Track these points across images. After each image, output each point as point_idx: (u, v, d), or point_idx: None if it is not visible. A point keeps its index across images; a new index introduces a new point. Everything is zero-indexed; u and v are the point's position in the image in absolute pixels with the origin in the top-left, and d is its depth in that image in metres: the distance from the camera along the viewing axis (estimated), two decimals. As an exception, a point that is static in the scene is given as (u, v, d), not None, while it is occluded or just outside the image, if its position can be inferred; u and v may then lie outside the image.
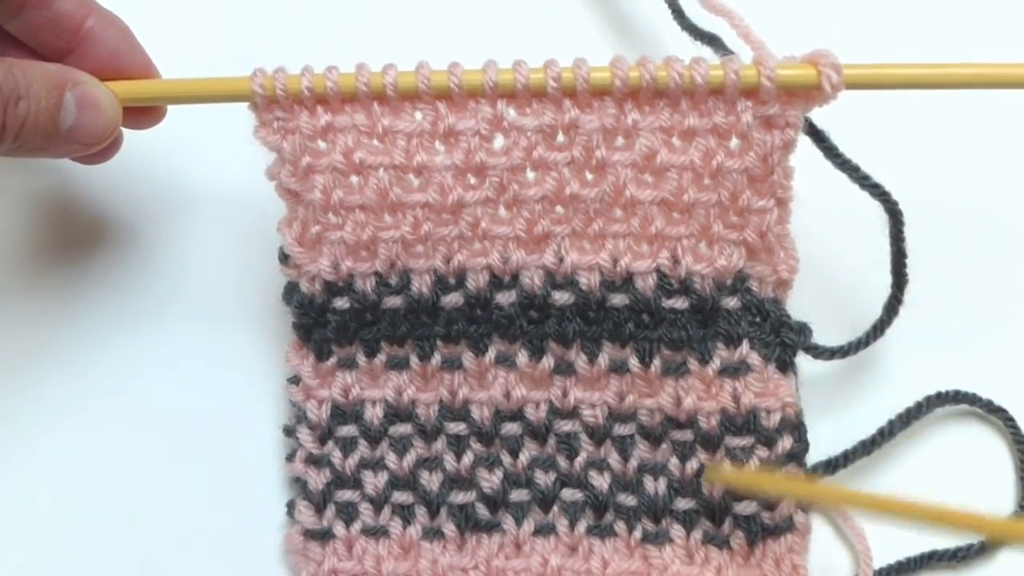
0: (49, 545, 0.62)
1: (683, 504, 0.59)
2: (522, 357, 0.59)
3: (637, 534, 0.59)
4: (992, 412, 0.62)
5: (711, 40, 0.64)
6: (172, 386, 0.64)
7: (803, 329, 0.59)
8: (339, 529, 0.60)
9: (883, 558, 0.60)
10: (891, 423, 0.61)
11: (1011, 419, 0.62)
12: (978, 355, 0.64)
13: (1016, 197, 0.67)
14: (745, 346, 0.58)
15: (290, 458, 0.61)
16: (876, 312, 0.60)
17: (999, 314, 0.65)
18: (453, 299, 0.59)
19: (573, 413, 0.60)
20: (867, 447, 0.60)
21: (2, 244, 0.67)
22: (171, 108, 0.61)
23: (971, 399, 0.62)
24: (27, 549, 0.62)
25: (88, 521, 0.62)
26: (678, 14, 0.66)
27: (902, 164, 0.60)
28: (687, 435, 0.59)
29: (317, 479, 0.60)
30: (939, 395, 0.62)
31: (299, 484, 0.61)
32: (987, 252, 0.66)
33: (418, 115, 0.57)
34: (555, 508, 0.60)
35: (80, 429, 0.64)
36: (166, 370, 0.65)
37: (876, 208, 0.58)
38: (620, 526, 0.59)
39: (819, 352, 0.60)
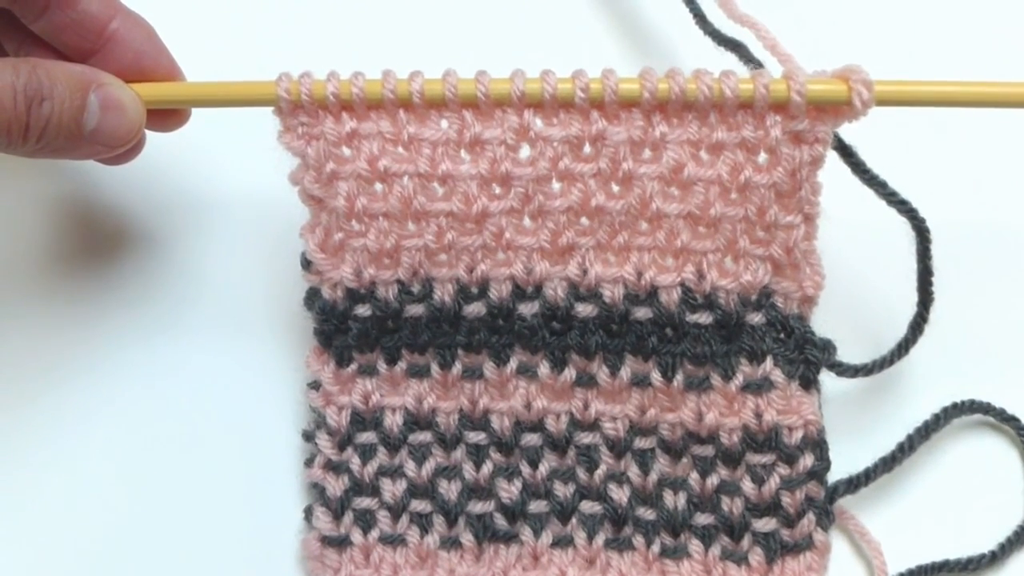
0: (68, 549, 0.62)
1: (702, 519, 0.59)
2: (544, 368, 0.59)
3: (655, 548, 0.59)
4: (1005, 421, 0.62)
5: (735, 47, 0.63)
6: (192, 389, 0.64)
7: (827, 346, 0.59)
8: (356, 536, 0.60)
9: (895, 567, 0.60)
10: (910, 437, 0.61)
11: (1023, 429, 0.62)
12: (1003, 375, 0.63)
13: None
14: (769, 363, 0.58)
15: (308, 463, 0.61)
16: (901, 330, 0.60)
17: (1025, 334, 0.65)
18: (475, 309, 0.59)
19: (594, 425, 0.59)
20: (888, 464, 0.60)
21: (23, 246, 0.67)
22: (195, 111, 0.61)
23: (985, 408, 0.62)
24: (46, 554, 0.62)
25: (107, 524, 0.62)
26: (700, 19, 0.66)
27: (929, 181, 0.60)
28: (708, 450, 0.59)
29: (335, 485, 0.60)
30: (955, 405, 0.62)
31: (317, 490, 0.61)
32: (1015, 271, 0.66)
33: (444, 123, 0.57)
34: (573, 520, 0.59)
35: (101, 432, 0.64)
36: (186, 373, 0.65)
37: (902, 225, 0.58)
38: (638, 540, 0.59)
39: (843, 370, 0.59)
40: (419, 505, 0.60)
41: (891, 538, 0.60)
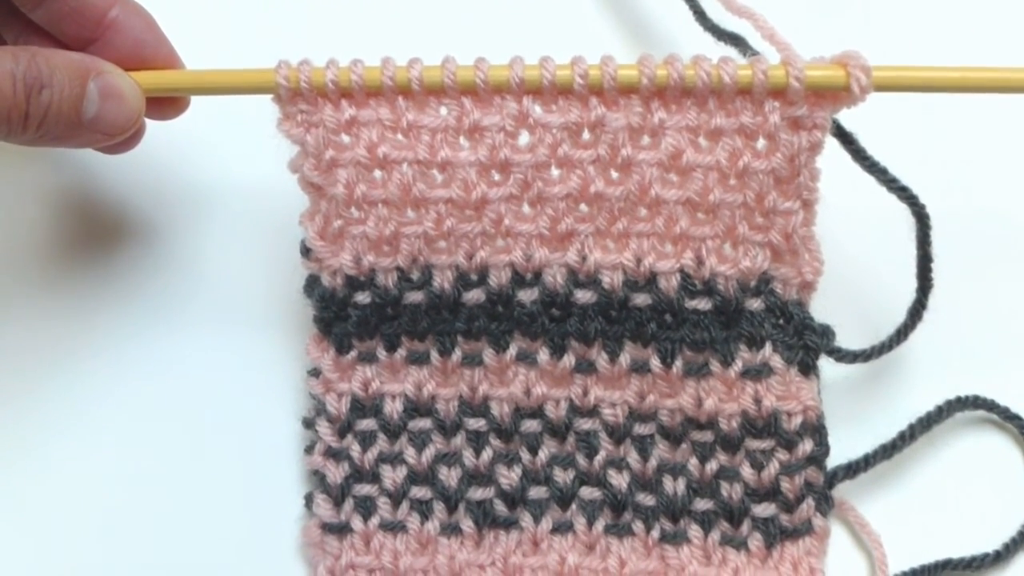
0: (66, 538, 0.62)
1: (701, 505, 0.59)
2: (543, 355, 0.59)
3: (655, 534, 0.59)
4: (1008, 419, 0.62)
5: (735, 40, 0.63)
6: (192, 377, 0.64)
7: (826, 332, 0.59)
8: (357, 523, 0.60)
9: (898, 566, 0.60)
10: (911, 427, 0.61)
11: (1027, 428, 0.62)
12: (1001, 362, 0.64)
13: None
14: (768, 348, 0.58)
15: (309, 451, 0.61)
16: (900, 316, 0.60)
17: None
18: (475, 296, 0.59)
19: (593, 412, 0.59)
20: (887, 451, 0.60)
21: (21, 235, 0.67)
22: (194, 99, 0.61)
23: (989, 405, 0.62)
24: (44, 543, 0.62)
25: (108, 513, 0.62)
26: (700, 15, 0.66)
27: (929, 168, 0.60)
28: (707, 436, 0.59)
29: (335, 472, 0.60)
30: (958, 400, 0.62)
31: (317, 477, 0.61)
32: (1014, 259, 0.66)
33: (443, 110, 0.57)
34: (573, 506, 0.60)
35: (100, 421, 0.64)
36: (186, 361, 0.65)
37: (902, 212, 0.58)
38: (638, 525, 0.59)
39: (842, 355, 0.59)
40: (419, 491, 0.60)
41: (892, 531, 0.60)
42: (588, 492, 0.60)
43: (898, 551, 0.60)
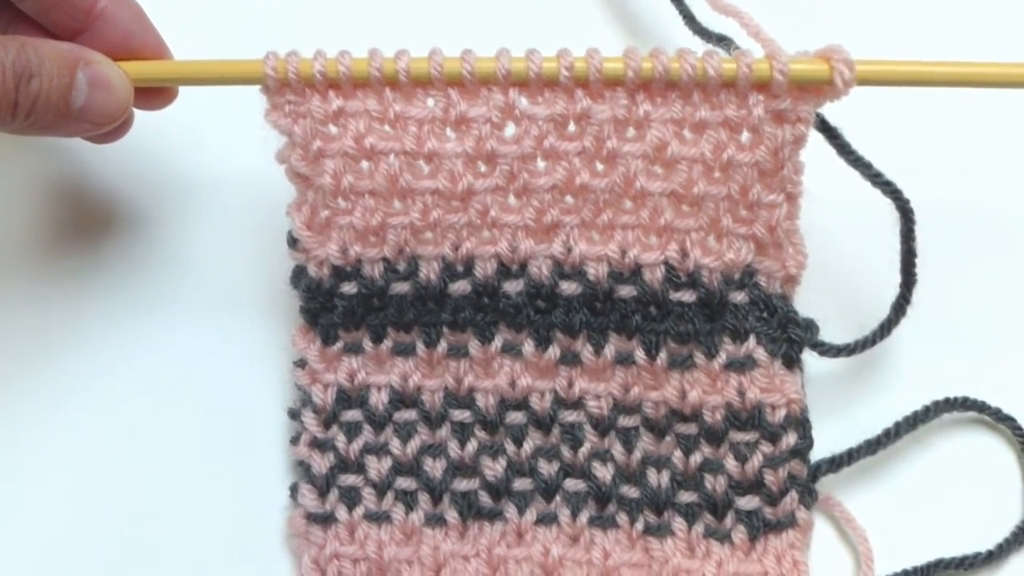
0: (53, 526, 0.62)
1: (685, 497, 0.59)
2: (528, 346, 0.59)
3: (639, 526, 0.59)
4: (1001, 421, 0.62)
5: (721, 40, 0.64)
6: (178, 368, 0.64)
7: (810, 325, 0.59)
8: (342, 513, 0.60)
9: (886, 562, 0.60)
10: (897, 425, 0.61)
11: (1020, 428, 0.62)
12: (985, 358, 0.64)
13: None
14: (752, 341, 0.58)
15: (294, 441, 0.61)
16: (884, 311, 0.60)
17: (1007, 318, 0.65)
18: (460, 287, 0.59)
19: (578, 403, 0.60)
20: (872, 447, 0.60)
21: (11, 225, 0.67)
22: (182, 90, 0.61)
23: (979, 406, 0.62)
24: (31, 528, 0.62)
25: (93, 502, 0.62)
26: (688, 19, 0.66)
27: (914, 163, 0.60)
28: (691, 428, 0.59)
29: (321, 463, 0.60)
30: (947, 400, 0.62)
31: (303, 467, 0.61)
32: (998, 254, 0.66)
33: (430, 101, 0.57)
34: (558, 498, 0.60)
35: (87, 411, 0.64)
36: (173, 352, 0.65)
37: (887, 206, 0.58)
38: (622, 517, 0.59)
39: (825, 349, 0.60)
40: (404, 482, 0.60)
41: (879, 529, 0.60)
42: (572, 484, 0.60)
43: (886, 548, 0.60)
